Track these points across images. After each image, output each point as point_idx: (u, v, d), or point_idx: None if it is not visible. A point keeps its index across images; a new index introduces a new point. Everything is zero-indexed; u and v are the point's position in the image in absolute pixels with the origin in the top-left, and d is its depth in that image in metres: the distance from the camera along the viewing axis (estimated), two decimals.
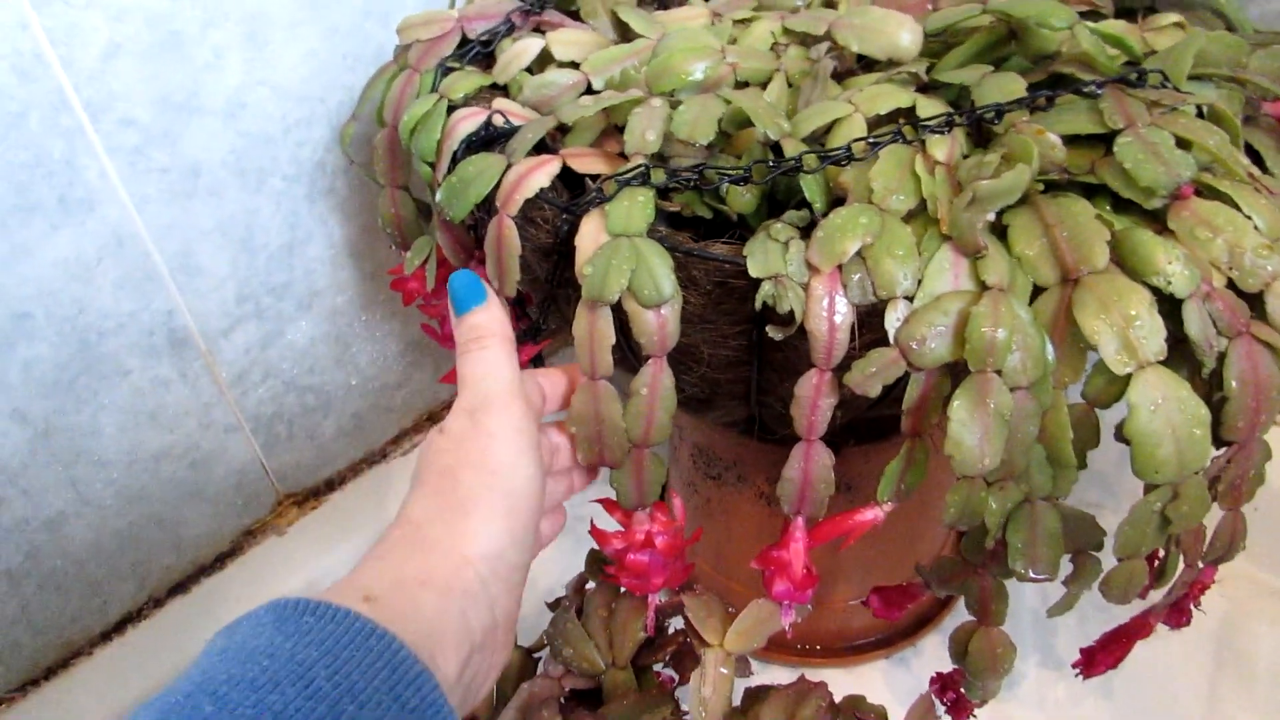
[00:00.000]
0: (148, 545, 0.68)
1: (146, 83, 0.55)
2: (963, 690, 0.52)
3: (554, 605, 0.57)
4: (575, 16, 0.55)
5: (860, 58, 0.52)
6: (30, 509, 0.61)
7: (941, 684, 0.54)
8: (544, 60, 0.52)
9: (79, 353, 0.59)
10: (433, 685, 0.31)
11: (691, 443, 0.67)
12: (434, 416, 0.84)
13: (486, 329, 0.42)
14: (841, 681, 0.69)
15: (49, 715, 0.65)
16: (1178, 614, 0.48)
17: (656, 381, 0.42)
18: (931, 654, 0.70)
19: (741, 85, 0.50)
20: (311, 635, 0.30)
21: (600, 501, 0.48)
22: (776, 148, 0.47)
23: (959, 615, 0.72)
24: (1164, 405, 0.37)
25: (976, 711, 0.55)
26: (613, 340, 0.41)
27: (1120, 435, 0.39)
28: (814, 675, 0.69)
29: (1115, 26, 0.46)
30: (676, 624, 0.52)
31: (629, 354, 0.45)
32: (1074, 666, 0.51)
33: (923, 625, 0.71)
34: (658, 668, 0.51)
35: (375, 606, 0.33)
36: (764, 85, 0.51)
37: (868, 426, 0.58)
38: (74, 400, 0.60)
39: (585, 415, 0.42)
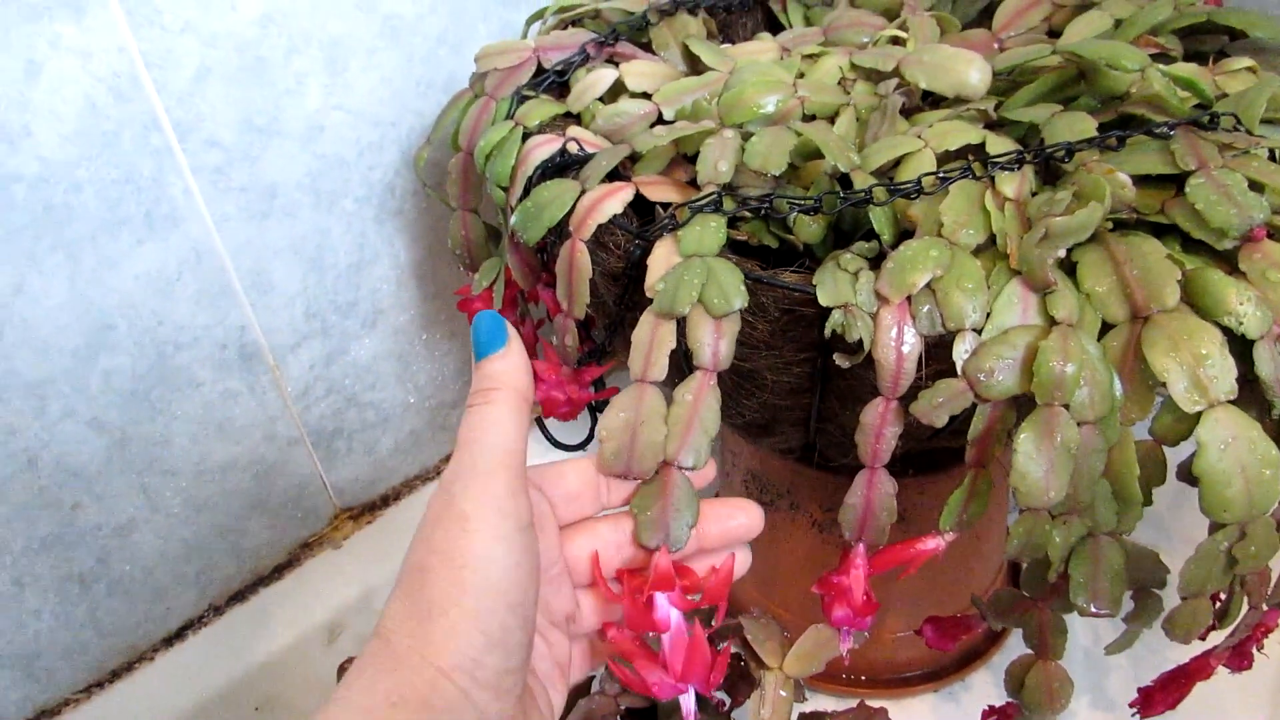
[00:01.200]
0: (211, 554, 0.70)
1: (232, 106, 0.57)
2: None
3: None
4: (647, 48, 0.56)
5: (927, 94, 0.53)
6: (104, 515, 0.63)
7: (996, 718, 0.54)
8: (616, 90, 0.53)
9: (156, 364, 0.61)
10: None
11: (745, 469, 0.67)
12: None
13: (498, 379, 0.37)
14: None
15: (112, 717, 0.66)
16: (1239, 657, 0.48)
17: (702, 392, 0.40)
18: (980, 690, 0.69)
19: (809, 119, 0.51)
20: None
21: (618, 574, 0.40)
22: (844, 180, 0.48)
23: (1009, 652, 0.71)
24: (1234, 445, 0.37)
25: None
26: (673, 345, 0.40)
27: (1184, 475, 0.40)
28: None
29: (1187, 69, 0.47)
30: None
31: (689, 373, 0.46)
32: (1131, 706, 0.51)
33: (972, 660, 0.71)
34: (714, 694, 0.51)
35: None
36: (831, 119, 0.52)
37: (925, 458, 0.58)
38: (149, 410, 0.62)
39: (623, 417, 0.40)
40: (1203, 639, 0.47)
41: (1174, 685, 0.49)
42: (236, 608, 0.73)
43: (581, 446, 0.59)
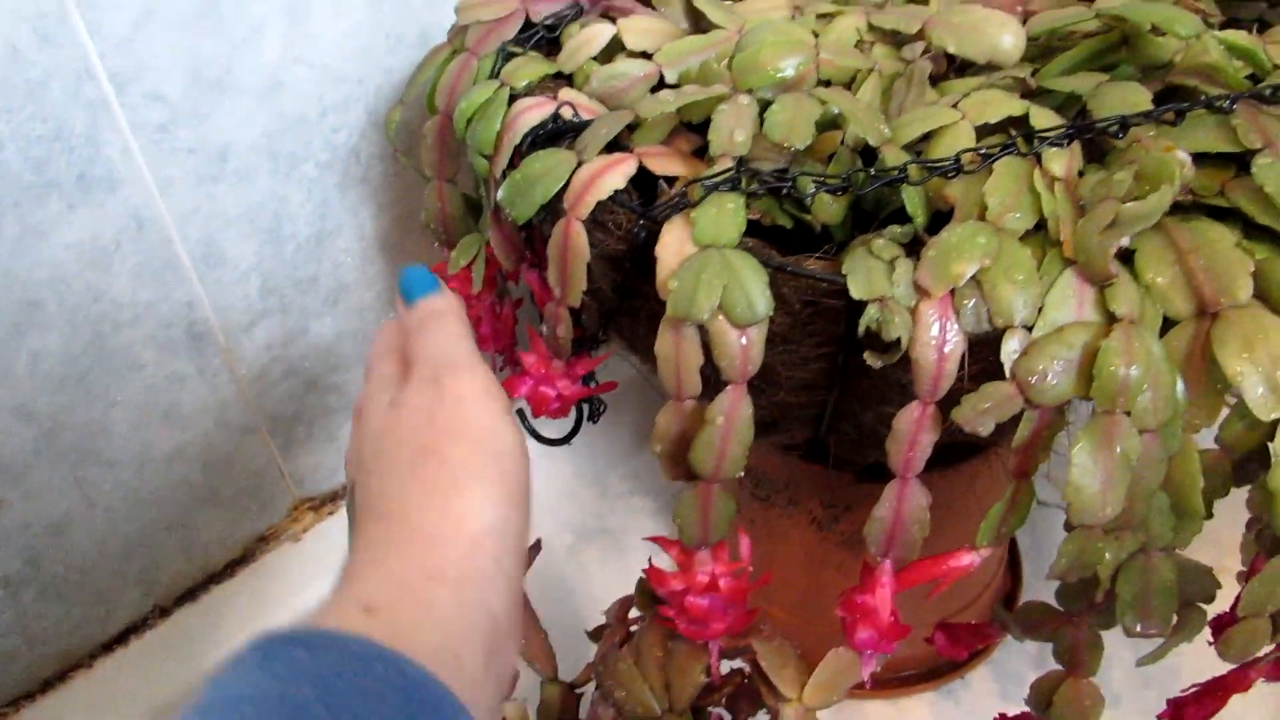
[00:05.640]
0: (156, 551, 0.64)
1: (178, 55, 0.51)
2: None
3: (595, 634, 0.54)
4: (645, 2, 0.51)
5: (951, 59, 0.48)
6: (32, 512, 0.57)
7: None
8: (612, 49, 0.48)
9: (91, 345, 0.55)
10: (455, 707, 0.27)
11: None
12: None
13: (440, 307, 0.39)
14: (886, 714, 0.66)
15: None
16: (1278, 667, 0.45)
17: (734, 411, 0.38)
18: (981, 688, 0.67)
19: (823, 84, 0.46)
20: (304, 670, 0.26)
21: (655, 540, 0.45)
22: (865, 153, 0.43)
23: (1009, 647, 0.68)
24: None
25: None
26: (700, 361, 0.37)
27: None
28: (858, 707, 0.66)
29: (1242, 37, 0.43)
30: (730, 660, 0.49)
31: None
32: (1160, 718, 0.48)
33: (972, 658, 0.68)
34: (713, 710, 0.47)
35: (377, 620, 0.29)
36: (847, 85, 0.47)
37: (939, 451, 0.54)
38: (84, 396, 0.56)
39: (670, 435, 0.39)
40: None
41: (1209, 697, 0.46)
42: (186, 608, 0.67)
43: (565, 441, 0.55)
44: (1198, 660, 0.43)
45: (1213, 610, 0.41)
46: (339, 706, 0.25)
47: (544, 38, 0.48)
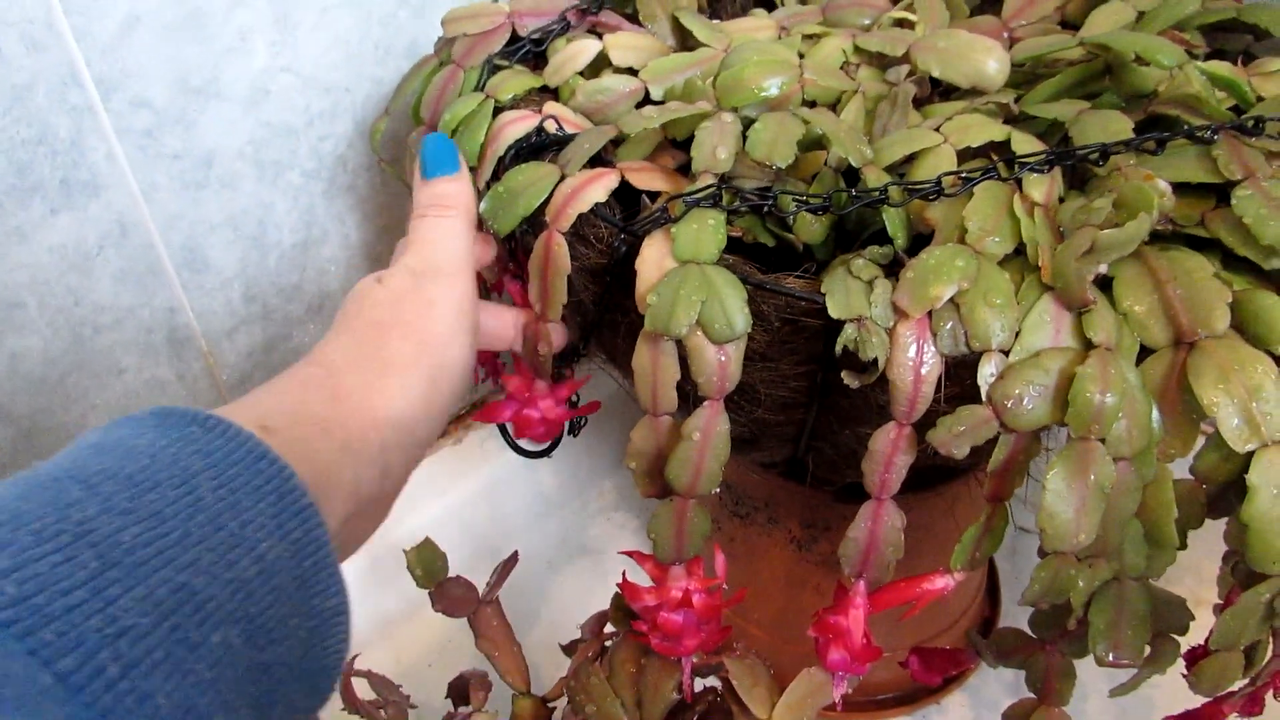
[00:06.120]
0: None
1: (165, 62, 0.51)
2: None
3: (569, 649, 0.53)
4: (633, 19, 0.51)
5: (935, 83, 0.49)
6: None
7: None
8: (598, 65, 0.48)
9: (71, 348, 0.55)
10: (318, 523, 0.29)
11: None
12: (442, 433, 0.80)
13: (452, 199, 0.40)
14: None
15: None
16: (1251, 702, 0.45)
17: (711, 426, 0.38)
18: (956, 714, 0.66)
19: (808, 104, 0.46)
20: (198, 445, 0.28)
21: (630, 553, 0.44)
22: (848, 174, 0.43)
23: (985, 673, 0.68)
24: None
25: None
26: (677, 376, 0.37)
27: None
28: None
29: (1225, 69, 0.43)
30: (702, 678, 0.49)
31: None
32: None
33: (948, 683, 0.67)
34: None
35: (269, 436, 0.30)
36: (832, 106, 0.47)
37: (919, 474, 0.54)
38: (62, 398, 0.56)
39: (646, 452, 0.39)
40: None
41: None
42: None
43: (546, 454, 0.55)
44: (1171, 693, 0.43)
45: (1187, 643, 0.41)
46: (224, 486, 0.27)
47: (530, 52, 0.48)
